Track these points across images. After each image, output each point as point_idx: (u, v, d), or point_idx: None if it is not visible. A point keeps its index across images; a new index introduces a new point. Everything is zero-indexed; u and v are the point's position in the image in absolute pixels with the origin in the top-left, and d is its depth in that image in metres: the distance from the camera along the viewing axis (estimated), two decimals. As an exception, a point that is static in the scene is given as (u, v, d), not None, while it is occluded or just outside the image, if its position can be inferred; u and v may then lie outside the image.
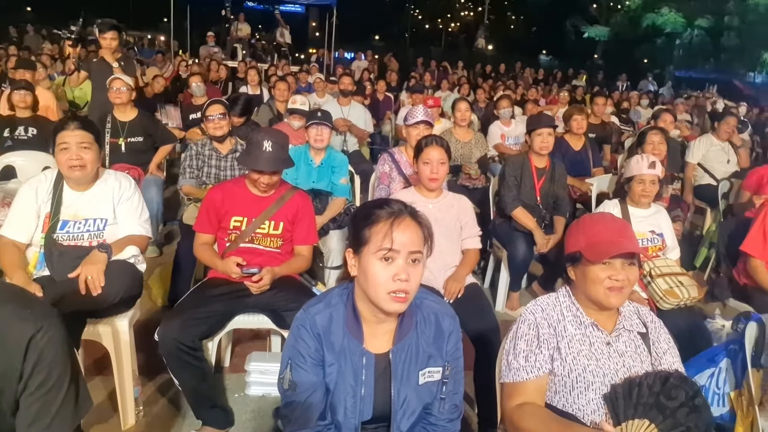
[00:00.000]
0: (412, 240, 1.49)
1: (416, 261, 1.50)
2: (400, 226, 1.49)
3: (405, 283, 1.47)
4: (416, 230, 1.51)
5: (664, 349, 1.76)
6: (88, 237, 2.57)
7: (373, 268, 1.48)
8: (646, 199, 3.25)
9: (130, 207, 2.67)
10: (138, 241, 2.63)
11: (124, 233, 2.63)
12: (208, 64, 10.67)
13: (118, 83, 4.52)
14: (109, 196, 2.63)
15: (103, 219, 2.60)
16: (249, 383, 2.90)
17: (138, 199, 2.71)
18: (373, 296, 1.50)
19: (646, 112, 10.21)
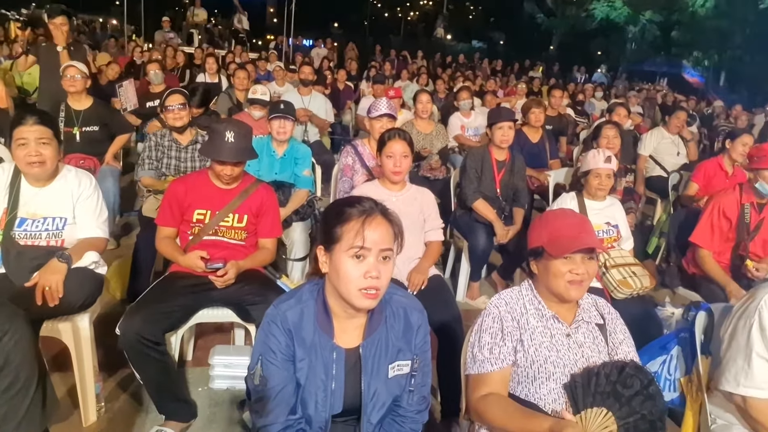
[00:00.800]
0: (383, 238, 1.51)
1: (387, 258, 1.53)
2: (371, 224, 1.51)
3: (376, 280, 1.49)
4: (387, 228, 1.53)
5: (620, 339, 1.84)
6: (46, 236, 2.50)
7: (344, 265, 1.50)
8: (603, 193, 3.35)
9: (89, 207, 2.59)
10: (96, 245, 2.57)
11: (82, 235, 2.56)
12: (164, 50, 10.41)
13: (72, 71, 4.38)
14: (69, 194, 2.56)
15: (62, 218, 2.53)
16: (213, 377, 2.88)
17: (97, 199, 2.64)
18: (345, 293, 1.52)
19: (600, 104, 10.48)
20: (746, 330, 1.91)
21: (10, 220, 2.45)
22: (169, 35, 13.42)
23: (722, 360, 1.99)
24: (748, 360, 1.88)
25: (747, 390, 1.88)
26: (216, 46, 13.87)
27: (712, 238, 3.36)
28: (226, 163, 2.62)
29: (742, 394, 1.89)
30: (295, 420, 1.56)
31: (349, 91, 9.52)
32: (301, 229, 3.75)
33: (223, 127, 2.65)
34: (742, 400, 1.90)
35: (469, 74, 13.62)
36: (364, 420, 1.61)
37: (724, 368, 1.96)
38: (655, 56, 27.01)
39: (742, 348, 1.91)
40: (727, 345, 1.98)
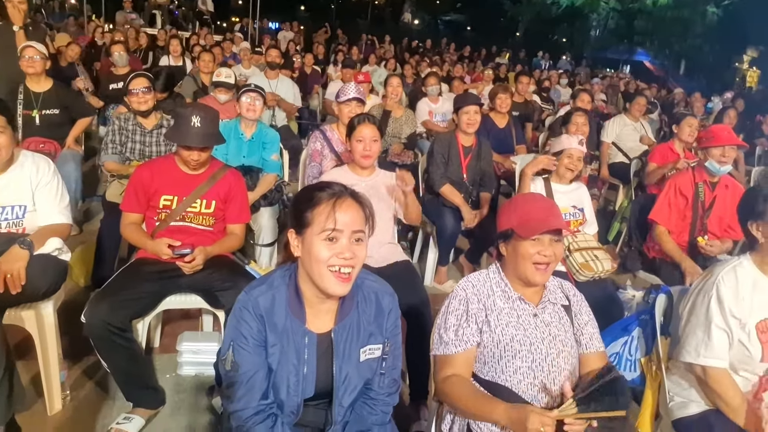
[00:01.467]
0: (354, 220, 1.52)
1: (359, 240, 1.54)
2: (342, 206, 1.52)
3: (350, 260, 1.50)
4: (358, 210, 1.54)
5: (585, 321, 1.90)
6: (6, 225, 2.44)
7: (316, 248, 1.51)
8: (571, 174, 3.42)
9: (49, 193, 2.53)
10: (59, 231, 2.51)
11: (43, 222, 2.50)
12: (126, 32, 10.14)
13: (31, 51, 4.25)
14: (27, 180, 2.48)
15: (21, 206, 2.47)
16: (181, 363, 2.87)
17: (57, 184, 2.57)
18: (317, 276, 1.53)
19: (566, 91, 10.63)
20: (705, 304, 1.99)
21: None
22: (131, 16, 13.07)
23: (682, 335, 2.06)
24: (707, 332, 1.96)
25: (707, 360, 1.95)
26: (179, 28, 13.57)
27: (670, 216, 3.47)
28: (192, 148, 2.59)
29: (702, 364, 1.96)
30: (266, 405, 1.57)
31: (316, 75, 9.44)
32: (269, 215, 3.73)
33: (189, 111, 2.61)
34: (702, 370, 1.97)
35: (436, 59, 13.64)
36: (336, 403, 1.63)
37: (685, 341, 2.03)
38: (618, 44, 27.48)
39: (701, 321, 1.98)
40: (686, 320, 2.06)
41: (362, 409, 1.69)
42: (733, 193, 3.47)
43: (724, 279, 1.97)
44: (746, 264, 2.01)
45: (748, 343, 1.94)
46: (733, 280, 1.97)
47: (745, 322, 1.93)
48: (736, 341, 1.95)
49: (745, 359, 1.96)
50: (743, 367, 1.97)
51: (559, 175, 3.45)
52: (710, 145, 3.41)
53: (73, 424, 2.48)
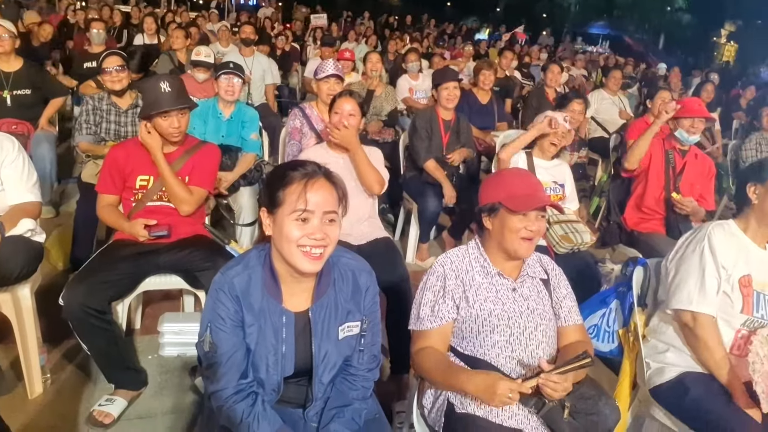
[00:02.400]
0: (326, 200, 1.51)
1: (332, 221, 1.53)
2: (314, 186, 1.50)
3: (321, 240, 1.50)
4: (330, 190, 1.53)
5: (564, 294, 1.93)
6: None
7: (287, 228, 1.50)
8: (554, 149, 3.44)
9: (15, 171, 2.44)
10: (30, 210, 2.44)
11: (12, 202, 2.43)
12: (100, 9, 9.90)
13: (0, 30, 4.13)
14: None
15: None
16: (162, 344, 2.85)
17: (23, 161, 2.48)
18: (287, 255, 1.52)
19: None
20: (698, 253, 2.08)
21: None
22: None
23: (671, 284, 2.13)
24: (701, 278, 2.04)
25: (699, 306, 2.02)
26: (154, 5, 13.27)
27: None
28: (170, 113, 2.53)
29: (694, 310, 2.03)
30: (246, 383, 1.57)
31: (295, 52, 9.32)
32: (249, 194, 3.70)
33: (154, 80, 2.56)
34: (692, 317, 2.03)
35: (416, 36, 13.53)
36: (316, 380, 1.64)
37: (675, 290, 2.10)
38: (598, 19, 27.48)
39: (694, 269, 2.07)
40: (676, 271, 2.13)
41: (343, 385, 1.70)
42: (702, 162, 3.58)
43: (714, 231, 2.09)
44: (732, 225, 2.15)
45: (731, 294, 2.04)
46: (722, 233, 2.10)
47: (731, 273, 2.04)
48: (721, 291, 2.04)
49: (727, 309, 2.05)
50: (723, 317, 2.05)
51: (543, 149, 3.46)
52: (681, 115, 3.49)
53: (54, 407, 2.46)
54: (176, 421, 2.46)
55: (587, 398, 1.68)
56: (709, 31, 26.13)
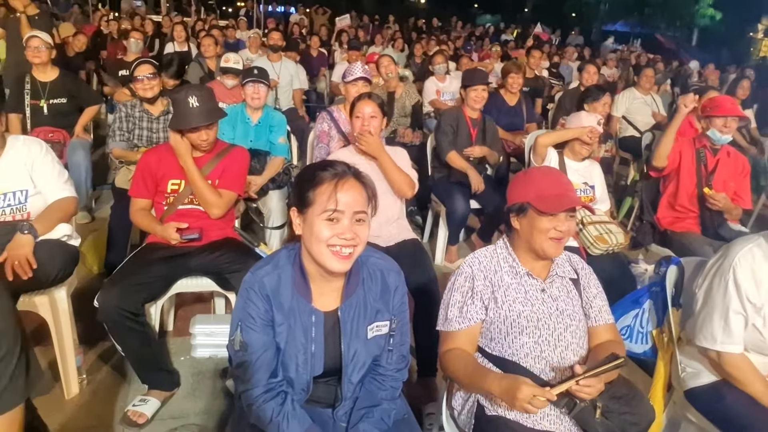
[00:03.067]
0: (356, 200, 1.52)
1: (361, 221, 1.53)
2: (344, 186, 1.51)
3: (350, 240, 1.50)
4: (360, 190, 1.54)
5: (594, 294, 1.89)
6: (10, 212, 2.45)
7: (318, 228, 1.50)
8: (586, 152, 3.39)
9: (45, 171, 2.51)
10: (65, 206, 2.50)
11: (49, 200, 2.49)
12: (133, 19, 10.13)
13: (36, 41, 4.25)
14: (21, 164, 2.47)
15: (23, 190, 2.46)
16: (195, 346, 2.90)
17: (52, 160, 2.54)
18: (317, 255, 1.52)
19: (577, 66, 10.46)
20: (722, 287, 1.93)
21: None
22: (136, 2, 13.05)
23: (697, 317, 2.01)
24: (725, 317, 1.90)
25: (724, 346, 1.91)
26: (184, 14, 13.52)
27: None
28: (199, 128, 2.58)
29: (720, 350, 1.93)
30: (276, 383, 1.58)
31: (322, 57, 9.38)
32: (278, 198, 3.74)
33: (183, 94, 2.58)
34: (718, 355, 1.94)
35: (444, 38, 13.50)
36: (345, 380, 1.64)
37: (701, 325, 1.98)
38: (628, 17, 27.04)
39: (718, 305, 1.93)
40: (703, 302, 2.00)
41: (371, 385, 1.70)
42: (735, 160, 3.49)
43: (740, 262, 1.89)
44: (764, 243, 1.92)
45: (763, 328, 1.89)
46: (749, 262, 1.89)
47: (761, 306, 1.88)
48: (750, 325, 1.90)
49: (758, 343, 1.92)
50: (755, 349, 1.95)
51: (574, 151, 3.41)
52: (714, 114, 3.41)
53: (90, 407, 2.52)
54: (208, 421, 2.49)
55: (619, 398, 1.65)
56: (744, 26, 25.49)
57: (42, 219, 2.39)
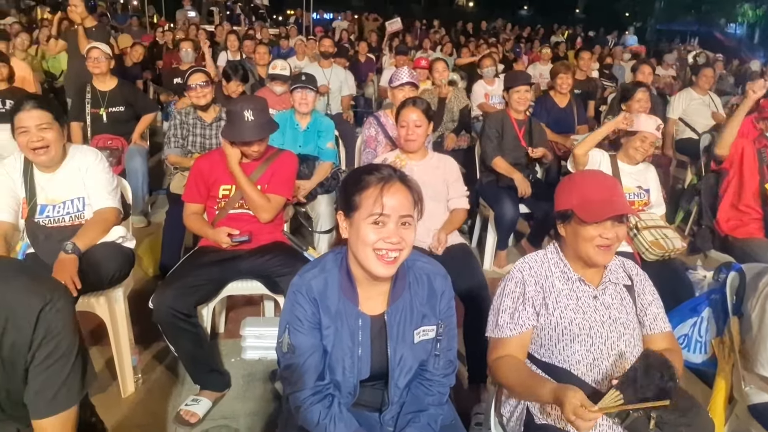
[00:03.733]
0: (402, 204, 1.51)
1: (407, 224, 1.53)
2: (389, 190, 1.50)
3: (396, 244, 1.50)
4: (406, 194, 1.53)
5: (649, 301, 1.82)
6: (69, 219, 2.54)
7: (364, 231, 1.50)
8: (640, 157, 3.30)
9: (95, 178, 2.57)
10: (107, 216, 2.53)
11: (95, 207, 2.55)
12: (186, 29, 10.44)
13: (96, 52, 4.43)
14: (77, 172, 2.55)
15: (80, 198, 2.55)
16: (244, 348, 2.95)
17: (102, 170, 2.60)
18: (363, 258, 1.53)
19: (630, 66, 10.20)
20: None
21: (31, 208, 2.48)
22: (190, 13, 13.43)
23: (755, 342, 1.92)
24: None
25: None
26: (236, 23, 13.84)
27: None
28: (252, 142, 2.64)
29: None
30: (323, 385, 1.59)
31: (370, 63, 9.43)
32: (326, 202, 3.77)
33: (240, 107, 2.63)
34: None
35: (492, 41, 13.38)
36: (392, 384, 1.63)
37: (759, 350, 1.89)
38: (685, 15, 26.17)
39: None
40: (758, 328, 1.91)
41: (418, 390, 1.69)
42: None
43: None
44: None
45: None
46: None
47: None
48: None
49: None
50: None
51: (628, 155, 3.32)
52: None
53: (145, 405, 2.60)
54: (257, 422, 2.53)
55: (675, 409, 1.58)
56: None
57: (83, 234, 2.42)
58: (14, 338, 1.26)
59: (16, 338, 1.26)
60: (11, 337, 1.26)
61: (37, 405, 1.31)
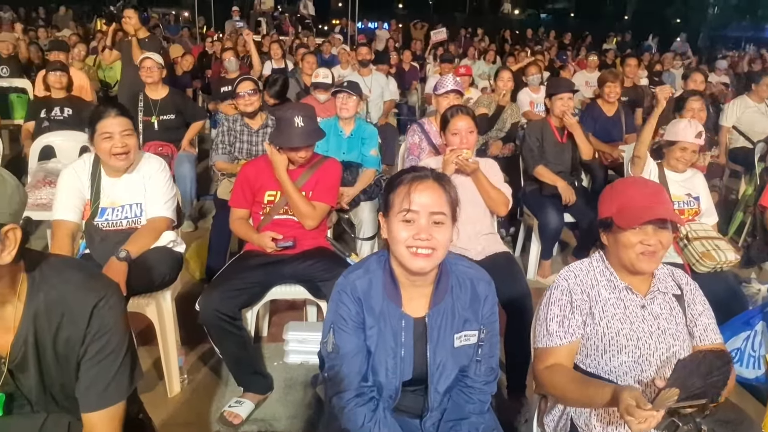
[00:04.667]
0: (432, 201, 1.52)
1: (439, 223, 1.53)
2: (418, 188, 1.52)
3: (426, 242, 1.50)
4: (438, 192, 1.53)
5: (700, 311, 1.77)
6: (127, 223, 2.62)
7: (395, 228, 1.53)
8: (683, 166, 3.22)
9: (153, 187, 2.65)
10: (158, 225, 2.61)
11: (149, 215, 2.63)
12: (235, 40, 10.70)
13: (149, 62, 4.57)
14: (141, 179, 2.65)
15: (138, 203, 2.63)
16: (287, 352, 2.98)
17: (162, 179, 2.68)
18: (398, 255, 1.54)
19: (680, 74, 9.94)
20: None
21: (93, 210, 2.58)
22: (239, 24, 13.72)
23: None
24: None
25: None
26: (283, 33, 14.09)
27: None
28: (300, 148, 2.68)
29: None
30: (367, 387, 1.60)
31: (414, 71, 9.47)
32: (369, 209, 3.79)
33: (290, 113, 2.69)
34: None
35: (538, 49, 13.24)
36: (432, 389, 1.63)
37: None
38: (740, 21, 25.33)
39: None
40: None
41: (459, 398, 1.68)
42: None
43: None
44: None
45: None
46: None
47: None
48: None
49: None
50: None
51: (671, 165, 3.24)
52: None
53: (190, 405, 2.65)
54: (298, 425, 2.55)
55: (727, 422, 1.53)
56: None
57: (136, 241, 2.49)
58: (69, 333, 1.32)
59: (71, 333, 1.32)
60: (66, 331, 1.32)
61: (88, 398, 1.36)
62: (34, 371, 1.36)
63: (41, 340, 1.33)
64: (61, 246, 2.49)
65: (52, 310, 1.31)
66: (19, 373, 1.36)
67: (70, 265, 1.40)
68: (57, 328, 1.32)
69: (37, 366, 1.35)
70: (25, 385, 1.38)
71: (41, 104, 4.84)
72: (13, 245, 1.21)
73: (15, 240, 1.21)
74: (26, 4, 16.16)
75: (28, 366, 1.35)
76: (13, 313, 1.30)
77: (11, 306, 1.30)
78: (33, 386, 1.38)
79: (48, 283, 1.32)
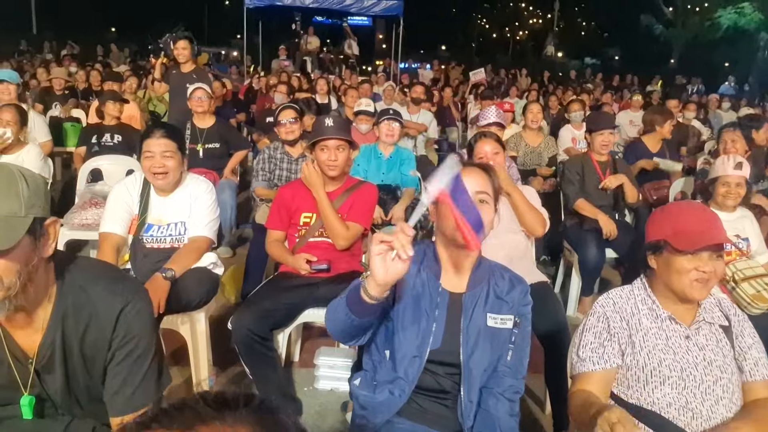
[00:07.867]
0: (477, 182, 1.68)
1: (483, 201, 1.66)
2: (466, 170, 1.68)
3: None
4: (483, 176, 1.71)
5: (749, 344, 1.67)
6: (170, 240, 2.67)
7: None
8: (731, 202, 3.11)
9: (197, 207, 2.70)
10: (200, 245, 2.64)
11: (191, 234, 2.67)
12: (279, 75, 11.00)
13: (200, 92, 4.73)
14: (188, 199, 2.70)
15: (183, 222, 2.68)
16: (318, 377, 2.95)
17: (208, 200, 2.73)
18: (444, 228, 1.64)
19: (728, 116, 9.74)
20: None
21: (139, 225, 2.64)
22: (285, 63, 14.14)
23: None
24: None
25: None
26: (327, 72, 14.43)
27: None
28: (328, 144, 2.71)
29: None
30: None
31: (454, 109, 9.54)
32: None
33: (323, 116, 2.85)
34: None
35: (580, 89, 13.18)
36: (465, 369, 1.64)
37: None
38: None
39: None
40: None
41: (488, 401, 1.67)
42: None
43: None
44: None
45: None
46: None
47: None
48: None
49: None
50: None
51: (718, 204, 3.13)
52: None
53: (219, 427, 2.62)
54: (326, 453, 2.50)
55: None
56: None
57: (180, 260, 2.54)
58: (96, 336, 1.33)
59: (97, 336, 1.33)
60: (93, 334, 1.33)
61: (116, 403, 1.36)
62: (60, 373, 1.37)
63: (68, 342, 1.34)
64: (105, 258, 2.54)
65: (80, 312, 1.33)
66: (45, 375, 1.38)
67: (99, 268, 1.42)
68: (84, 331, 1.33)
69: (64, 368, 1.36)
70: (51, 387, 1.39)
71: (93, 131, 5.04)
72: (53, 239, 1.24)
73: (55, 234, 1.24)
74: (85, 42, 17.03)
75: (55, 367, 1.36)
76: (43, 314, 1.32)
77: (42, 307, 1.32)
78: (59, 388, 1.39)
79: (77, 285, 1.34)
